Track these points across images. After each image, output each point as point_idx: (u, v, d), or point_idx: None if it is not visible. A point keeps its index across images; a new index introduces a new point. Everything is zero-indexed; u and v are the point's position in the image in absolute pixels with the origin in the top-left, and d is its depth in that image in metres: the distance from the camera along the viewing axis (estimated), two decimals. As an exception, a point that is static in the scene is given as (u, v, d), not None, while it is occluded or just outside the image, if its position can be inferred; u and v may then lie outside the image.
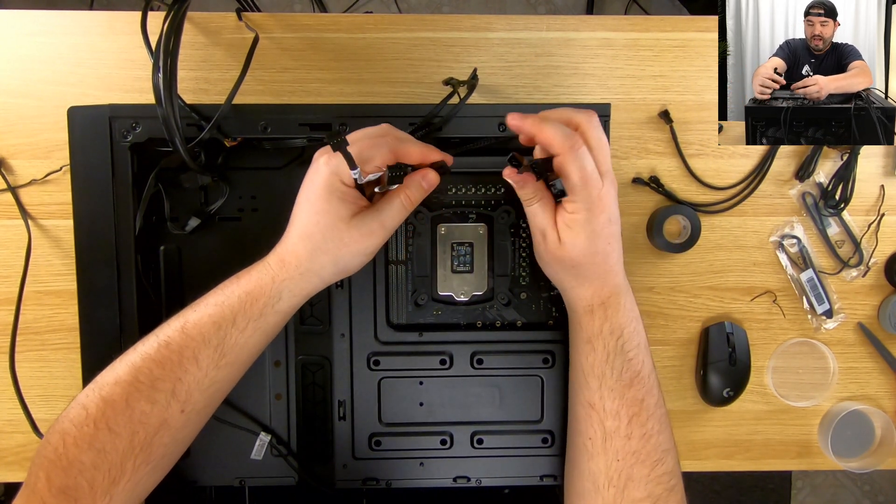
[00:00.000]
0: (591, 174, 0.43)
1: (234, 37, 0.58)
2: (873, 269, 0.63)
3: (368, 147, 0.44)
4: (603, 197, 0.44)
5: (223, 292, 0.45)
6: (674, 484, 0.46)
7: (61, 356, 0.60)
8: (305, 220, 0.44)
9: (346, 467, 0.54)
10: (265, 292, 0.44)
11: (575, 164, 0.43)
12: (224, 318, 0.44)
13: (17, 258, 0.58)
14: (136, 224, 0.50)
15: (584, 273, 0.46)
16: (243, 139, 0.50)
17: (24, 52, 0.57)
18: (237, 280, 0.46)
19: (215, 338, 0.44)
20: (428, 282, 0.55)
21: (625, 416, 0.46)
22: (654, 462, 0.45)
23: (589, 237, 0.45)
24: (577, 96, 0.60)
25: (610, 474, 0.45)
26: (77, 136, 0.49)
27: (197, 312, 0.44)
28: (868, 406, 0.63)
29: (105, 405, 0.42)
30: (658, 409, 0.47)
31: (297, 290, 0.45)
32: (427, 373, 0.54)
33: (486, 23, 0.59)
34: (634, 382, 0.46)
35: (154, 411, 0.42)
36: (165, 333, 0.44)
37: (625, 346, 0.46)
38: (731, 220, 0.62)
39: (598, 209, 0.44)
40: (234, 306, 0.44)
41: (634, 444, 0.45)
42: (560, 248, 0.46)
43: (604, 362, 0.46)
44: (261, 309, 0.44)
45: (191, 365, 0.43)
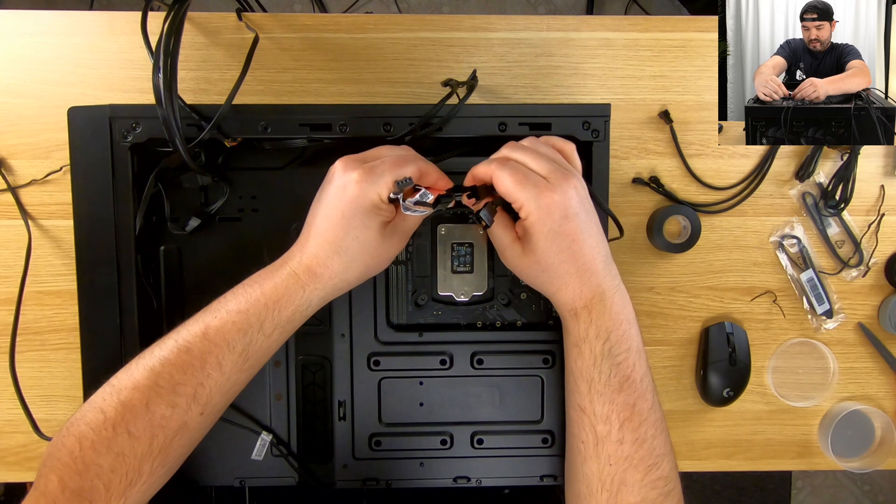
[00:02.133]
0: (522, 178, 0.44)
1: (234, 37, 0.58)
2: (873, 269, 0.63)
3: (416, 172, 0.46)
4: (549, 195, 0.44)
5: (245, 299, 0.45)
6: (670, 489, 0.45)
7: (61, 356, 0.60)
8: (342, 234, 0.45)
9: (346, 467, 0.54)
10: (295, 301, 0.45)
11: (503, 177, 0.44)
12: (250, 325, 0.44)
13: (17, 258, 0.58)
14: (136, 224, 0.50)
15: (556, 275, 0.46)
16: (243, 139, 0.50)
17: (24, 52, 0.57)
18: (260, 285, 0.45)
19: (240, 343, 0.44)
20: (428, 282, 0.55)
21: (616, 420, 0.45)
22: (649, 467, 0.45)
23: (547, 237, 0.44)
24: (578, 96, 0.60)
25: (603, 478, 0.45)
26: (77, 137, 0.49)
27: (218, 319, 0.44)
28: (868, 406, 0.63)
29: (124, 409, 0.42)
30: (652, 413, 0.46)
31: (327, 296, 0.46)
32: (427, 373, 0.54)
33: (486, 23, 0.59)
34: (624, 387, 0.45)
35: (174, 415, 0.43)
36: (184, 338, 0.44)
37: (612, 349, 0.45)
38: (731, 220, 0.62)
39: (548, 206, 0.44)
40: (260, 314, 0.44)
41: (627, 449, 0.45)
42: (524, 256, 0.46)
43: (591, 366, 0.45)
44: (289, 315, 0.45)
45: (214, 370, 0.44)
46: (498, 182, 0.45)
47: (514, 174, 0.44)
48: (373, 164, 0.45)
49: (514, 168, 0.44)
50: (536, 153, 0.46)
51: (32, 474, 0.60)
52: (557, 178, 0.44)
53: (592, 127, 0.51)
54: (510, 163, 0.45)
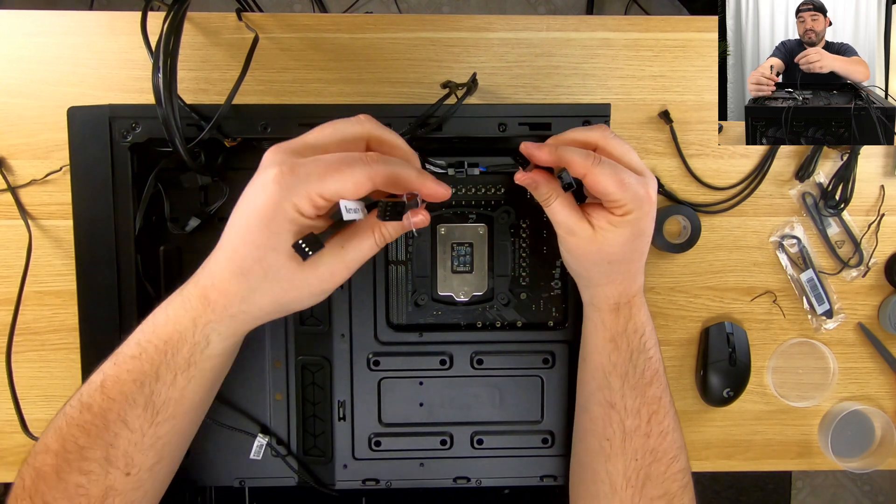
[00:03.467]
0: (625, 178, 0.41)
1: (234, 37, 0.58)
2: (873, 269, 0.63)
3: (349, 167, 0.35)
4: (650, 194, 0.42)
5: (137, 340, 0.39)
6: (687, 481, 0.46)
7: (61, 356, 0.60)
8: (242, 251, 0.35)
9: (346, 468, 0.54)
10: (187, 339, 0.37)
11: (603, 177, 0.41)
12: (145, 374, 0.37)
13: (17, 258, 0.58)
14: (136, 224, 0.50)
15: (617, 270, 0.45)
16: (243, 139, 0.50)
17: (24, 52, 0.57)
18: (153, 321, 0.39)
19: (140, 396, 0.38)
20: (428, 282, 0.55)
21: (645, 414, 0.45)
22: (671, 459, 0.45)
23: (633, 235, 0.43)
24: (577, 96, 0.60)
25: (629, 474, 0.45)
26: (77, 137, 0.49)
27: (115, 366, 0.38)
28: (868, 406, 0.63)
29: (37, 478, 0.37)
30: (672, 406, 0.47)
31: (228, 331, 0.38)
32: (427, 373, 0.54)
33: (486, 23, 0.59)
34: (654, 380, 0.46)
35: (91, 482, 0.37)
36: (87, 392, 0.39)
37: (646, 343, 0.46)
38: (731, 221, 0.62)
39: (648, 206, 0.42)
40: (153, 359, 0.37)
41: (653, 442, 0.45)
42: (595, 244, 0.43)
43: (627, 361, 0.46)
44: (186, 358, 0.38)
45: (120, 429, 0.37)
46: (597, 181, 0.41)
47: (614, 174, 0.40)
48: (300, 162, 0.35)
49: (613, 168, 0.41)
50: (623, 149, 0.43)
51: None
52: (647, 175, 0.43)
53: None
54: (605, 162, 0.41)
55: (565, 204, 0.44)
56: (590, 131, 0.44)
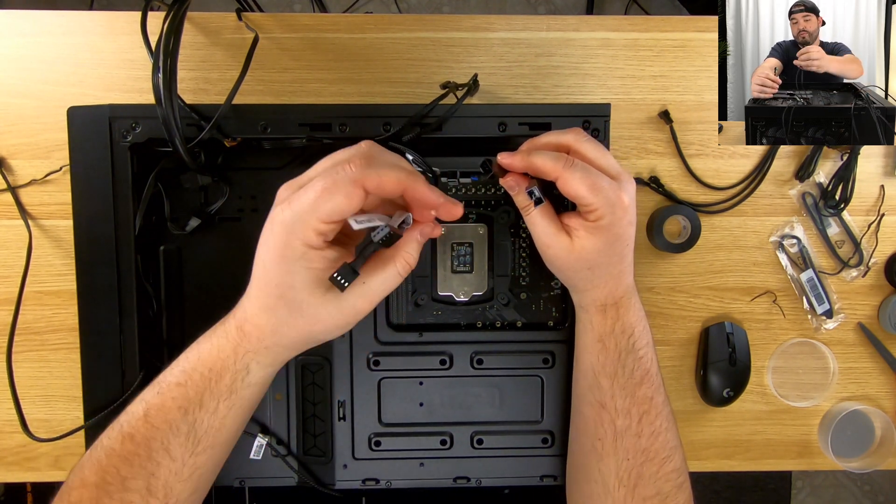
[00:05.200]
0: (597, 182, 0.41)
1: (234, 37, 0.58)
2: (873, 269, 0.63)
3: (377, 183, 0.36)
4: (623, 198, 0.42)
5: (183, 368, 0.40)
6: (682, 481, 0.46)
7: (61, 356, 0.60)
8: (266, 289, 0.37)
9: (346, 467, 0.54)
10: (229, 367, 0.39)
11: (574, 180, 0.41)
12: (189, 401, 0.39)
13: (17, 258, 0.58)
14: (136, 224, 0.50)
15: (599, 275, 0.45)
16: (243, 139, 0.50)
17: (24, 52, 0.57)
18: (198, 350, 0.40)
19: (184, 424, 0.39)
20: (428, 282, 0.54)
21: (635, 414, 0.45)
22: (663, 459, 0.45)
23: (609, 240, 0.43)
24: (577, 96, 0.60)
25: (620, 474, 0.45)
26: (77, 137, 0.49)
27: (160, 395, 0.39)
28: (868, 406, 0.63)
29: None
30: (665, 406, 0.47)
31: (265, 361, 0.40)
32: (427, 373, 0.54)
33: (486, 23, 0.59)
34: (644, 380, 0.46)
35: None
36: (129, 423, 0.39)
37: (636, 343, 0.46)
38: (731, 220, 0.62)
39: (622, 211, 0.42)
40: (198, 386, 0.39)
41: (644, 442, 0.45)
42: (573, 252, 0.44)
43: (615, 361, 0.46)
44: (228, 385, 0.39)
45: (162, 458, 0.38)
46: (567, 185, 0.41)
47: (585, 178, 0.41)
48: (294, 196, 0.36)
49: (585, 171, 0.41)
50: (597, 152, 0.43)
51: (32, 474, 0.60)
52: (620, 181, 0.43)
53: (592, 127, 0.51)
54: (576, 165, 0.41)
55: (543, 215, 0.44)
56: (563, 134, 0.44)
